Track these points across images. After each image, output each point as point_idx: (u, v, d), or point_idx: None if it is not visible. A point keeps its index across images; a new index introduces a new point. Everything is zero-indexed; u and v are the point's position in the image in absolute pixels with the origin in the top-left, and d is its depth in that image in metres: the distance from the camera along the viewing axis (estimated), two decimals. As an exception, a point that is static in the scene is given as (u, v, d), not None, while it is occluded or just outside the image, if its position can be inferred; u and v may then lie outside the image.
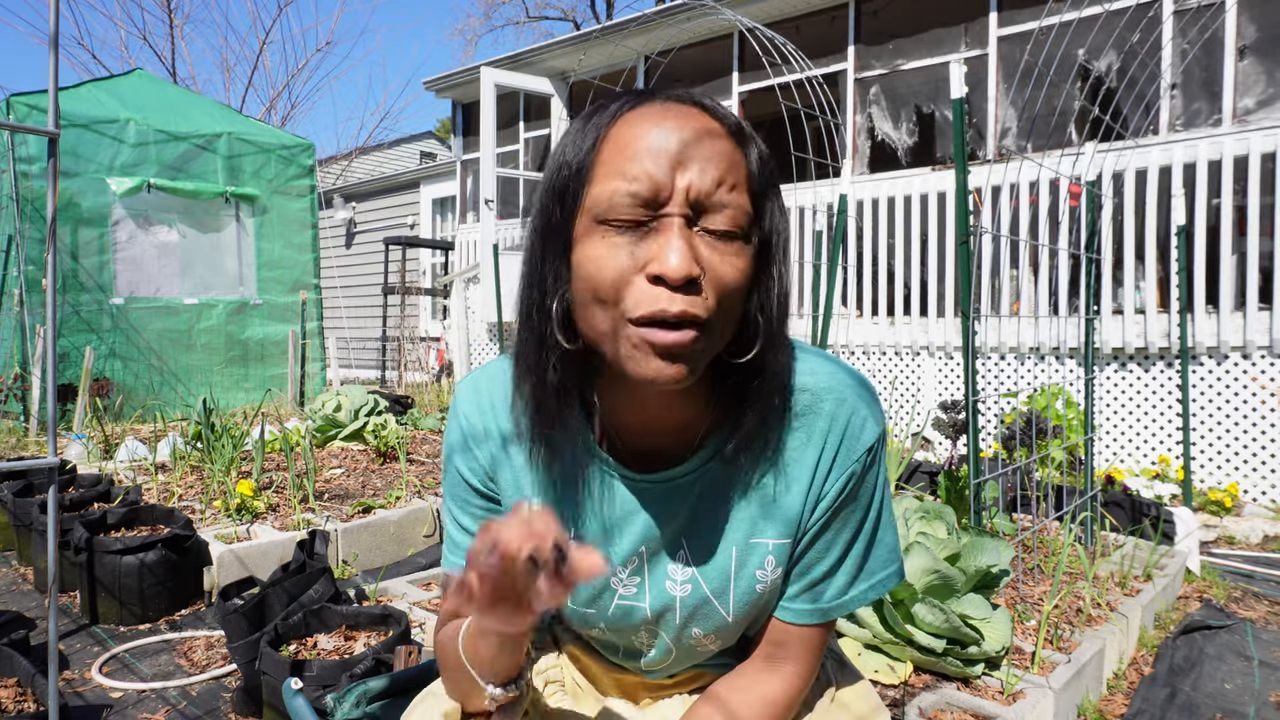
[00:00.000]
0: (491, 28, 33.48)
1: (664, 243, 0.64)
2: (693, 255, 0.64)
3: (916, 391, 5.76)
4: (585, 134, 0.68)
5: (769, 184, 0.70)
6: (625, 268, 0.65)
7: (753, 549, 0.79)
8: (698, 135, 0.66)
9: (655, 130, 0.66)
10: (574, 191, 0.67)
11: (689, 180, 0.65)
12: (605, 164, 0.66)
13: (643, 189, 0.64)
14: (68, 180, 6.25)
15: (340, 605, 2.02)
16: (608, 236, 0.66)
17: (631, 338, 0.65)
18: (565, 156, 0.69)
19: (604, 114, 0.69)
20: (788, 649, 0.82)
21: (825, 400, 0.77)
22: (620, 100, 0.69)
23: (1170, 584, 2.76)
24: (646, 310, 0.64)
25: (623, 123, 0.67)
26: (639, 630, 0.85)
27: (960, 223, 2.27)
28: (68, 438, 4.76)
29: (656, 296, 0.64)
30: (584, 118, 0.70)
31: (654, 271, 0.64)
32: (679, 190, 0.64)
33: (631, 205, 0.64)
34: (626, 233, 0.65)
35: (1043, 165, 3.02)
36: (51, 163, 1.51)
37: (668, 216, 0.65)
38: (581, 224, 0.67)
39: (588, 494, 0.81)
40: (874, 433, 0.78)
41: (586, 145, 0.68)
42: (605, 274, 0.65)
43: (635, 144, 0.65)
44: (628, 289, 0.65)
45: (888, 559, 0.82)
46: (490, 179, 7.93)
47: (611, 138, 0.67)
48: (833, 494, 0.77)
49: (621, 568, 0.82)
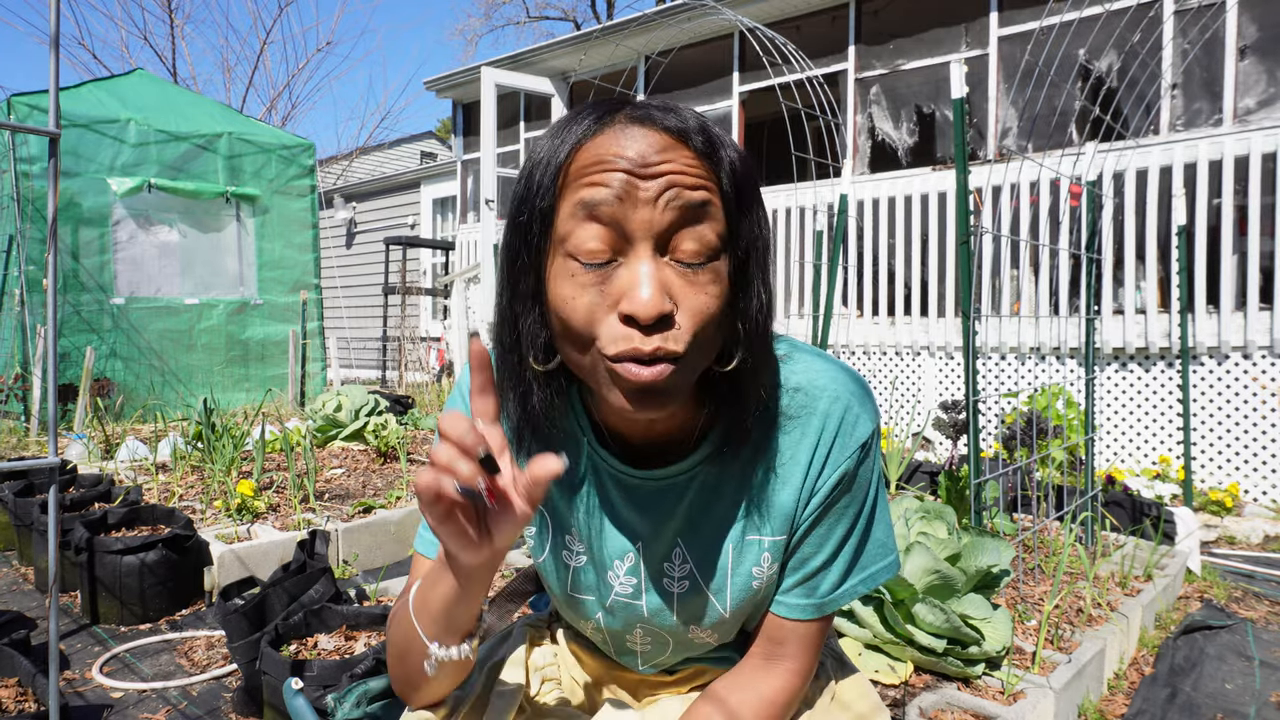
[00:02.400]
0: (492, 28, 33.49)
1: (633, 280, 0.63)
2: (663, 290, 0.63)
3: (917, 391, 5.76)
4: (548, 167, 0.66)
5: (745, 196, 0.68)
6: (595, 305, 0.64)
7: (748, 545, 0.80)
8: (662, 160, 0.63)
9: (616, 160, 0.63)
10: (540, 228, 0.66)
11: (655, 210, 0.63)
12: (568, 198, 0.64)
13: (607, 223, 0.63)
14: (68, 180, 6.25)
15: (341, 605, 2.02)
16: (576, 275, 0.64)
17: (608, 372, 0.65)
18: (530, 188, 0.66)
19: (564, 141, 0.66)
20: (785, 645, 0.82)
21: (819, 398, 0.77)
22: (583, 123, 0.66)
23: (1171, 584, 2.76)
24: (620, 349, 0.63)
25: (583, 153, 0.65)
26: (635, 626, 0.85)
27: (961, 223, 2.27)
28: (68, 438, 4.76)
29: (630, 335, 0.63)
30: (549, 137, 0.68)
31: (624, 311, 0.62)
32: (643, 223, 0.63)
33: (597, 241, 0.63)
34: (594, 269, 0.64)
35: (1043, 165, 3.02)
36: (52, 163, 1.51)
37: (635, 250, 0.63)
38: (551, 259, 0.66)
39: (585, 490, 0.81)
40: (867, 429, 0.78)
41: (549, 179, 0.65)
42: (576, 314, 0.64)
43: (597, 176, 0.63)
44: (600, 326, 0.64)
45: (881, 552, 0.83)
46: (491, 179, 7.93)
47: (574, 169, 0.65)
48: (826, 489, 0.77)
49: (619, 563, 0.82)
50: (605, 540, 0.81)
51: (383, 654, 1.70)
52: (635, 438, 0.79)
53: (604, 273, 0.64)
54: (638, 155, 0.63)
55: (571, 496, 0.82)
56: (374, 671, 1.63)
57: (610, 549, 0.82)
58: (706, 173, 0.66)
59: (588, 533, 0.82)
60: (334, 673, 1.67)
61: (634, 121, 0.65)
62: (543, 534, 0.84)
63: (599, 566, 0.83)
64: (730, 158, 0.68)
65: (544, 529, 0.84)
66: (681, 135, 0.65)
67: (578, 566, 0.84)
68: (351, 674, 1.64)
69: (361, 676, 1.59)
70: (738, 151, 0.69)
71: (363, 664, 1.67)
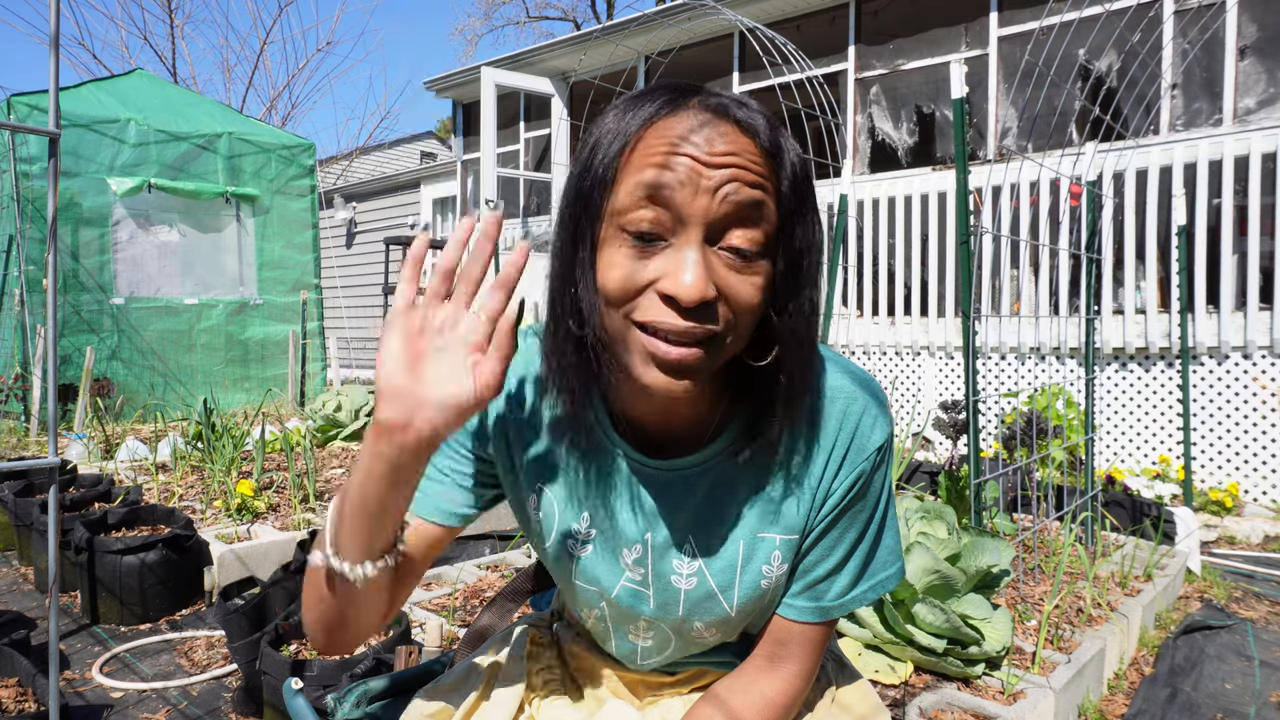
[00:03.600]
0: (492, 28, 33.47)
1: (680, 263, 0.64)
2: (708, 276, 0.64)
3: (917, 391, 5.76)
4: (615, 136, 0.67)
5: (802, 200, 0.68)
6: (639, 279, 0.65)
7: (759, 544, 0.79)
8: (727, 153, 0.64)
9: (683, 142, 0.64)
10: (599, 195, 0.67)
11: (713, 201, 0.63)
12: (631, 171, 0.65)
13: (664, 204, 0.64)
14: (68, 180, 6.25)
15: (341, 605, 2.02)
16: (625, 245, 0.65)
17: (637, 343, 0.66)
18: (595, 157, 0.67)
19: (635, 115, 0.67)
20: (789, 648, 0.82)
21: (836, 400, 0.78)
22: (656, 102, 0.67)
23: (1171, 584, 2.76)
24: (648, 316, 0.64)
25: (653, 129, 0.66)
26: (639, 618, 0.85)
27: (961, 223, 2.27)
28: (68, 438, 4.76)
29: (661, 310, 0.64)
30: (620, 111, 0.68)
31: (666, 290, 0.64)
32: (699, 210, 0.63)
33: (651, 219, 0.64)
34: (645, 243, 0.65)
35: (1043, 165, 3.02)
36: (52, 163, 1.51)
37: (687, 235, 0.64)
38: (606, 227, 0.67)
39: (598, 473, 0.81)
40: (883, 434, 0.78)
41: (614, 150, 0.66)
42: (619, 282, 0.65)
43: (661, 155, 0.64)
44: (639, 298, 0.65)
45: (889, 559, 0.83)
46: (491, 179, 7.93)
47: (640, 144, 0.65)
48: (840, 492, 0.78)
49: (627, 552, 0.82)
50: (615, 528, 0.81)
51: (382, 654, 1.70)
52: (652, 425, 0.79)
53: (653, 249, 0.65)
54: (705, 142, 0.64)
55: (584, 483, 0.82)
56: (374, 671, 1.63)
57: (619, 538, 0.81)
58: (768, 171, 0.66)
59: (598, 520, 0.82)
60: (334, 673, 1.67)
61: (707, 109, 0.67)
62: (550, 518, 0.84)
63: (606, 555, 0.83)
64: (792, 161, 0.68)
65: (552, 513, 0.84)
66: (750, 131, 0.66)
67: (584, 555, 0.84)
68: (351, 674, 1.64)
69: (361, 676, 1.59)
70: (799, 155, 0.70)
71: (363, 664, 1.67)
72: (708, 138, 0.64)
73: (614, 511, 0.81)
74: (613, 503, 0.81)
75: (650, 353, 0.65)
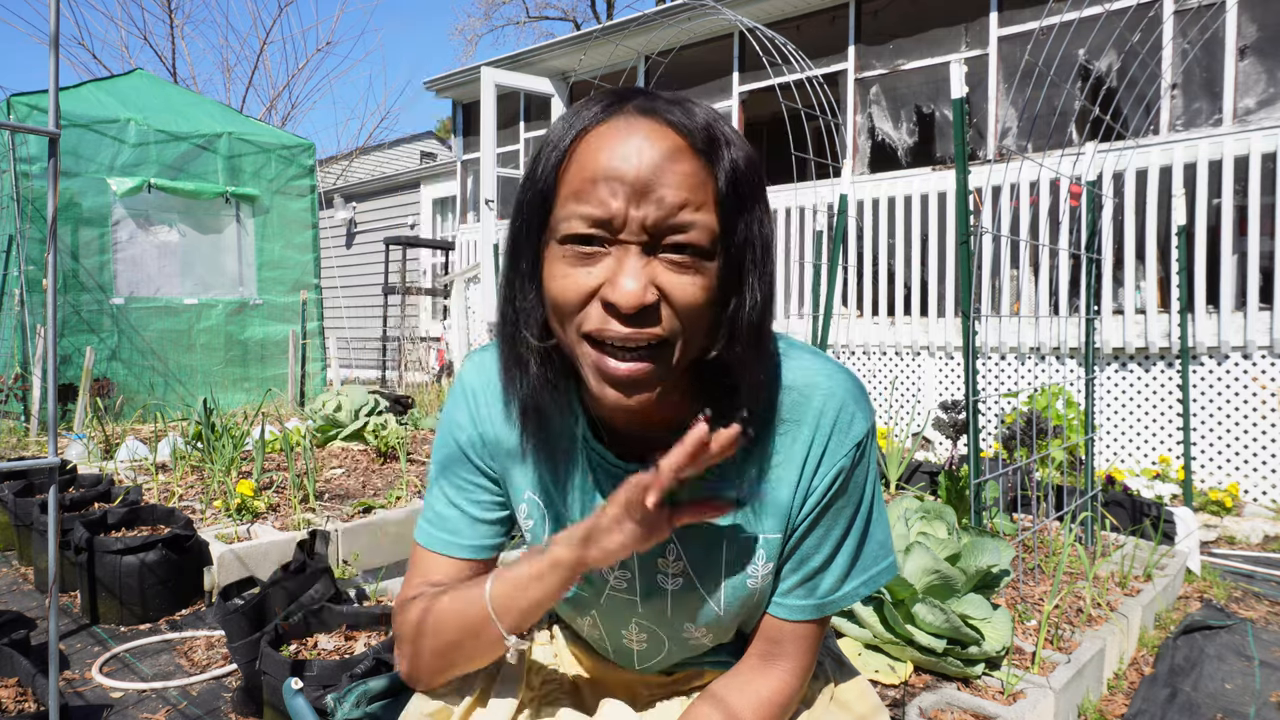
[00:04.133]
0: (492, 28, 33.48)
1: (617, 270, 0.65)
2: (647, 283, 0.64)
3: (917, 391, 5.76)
4: (553, 150, 0.68)
5: (744, 196, 0.68)
6: (582, 289, 0.66)
7: (744, 543, 0.79)
8: (661, 157, 0.65)
9: (616, 152, 0.65)
10: (540, 209, 0.68)
11: (647, 208, 0.64)
12: (567, 185, 0.67)
13: (598, 215, 0.64)
14: (68, 180, 6.25)
15: (341, 605, 2.02)
16: (567, 257, 0.66)
17: (588, 357, 0.67)
18: (535, 172, 0.69)
19: (571, 127, 0.68)
20: (783, 646, 0.82)
21: (813, 396, 0.77)
22: (591, 111, 0.68)
23: (1170, 584, 2.76)
24: (592, 326, 0.66)
25: (586, 142, 0.67)
26: (630, 624, 0.85)
27: (960, 223, 2.27)
28: (68, 438, 4.76)
29: (603, 318, 0.65)
30: (560, 123, 0.70)
31: (606, 297, 0.65)
32: (635, 218, 0.64)
33: (587, 230, 0.65)
34: (583, 256, 0.66)
35: (1043, 165, 3.02)
36: (52, 163, 1.51)
37: (624, 244, 0.65)
38: (548, 239, 0.68)
39: (579, 483, 0.81)
40: (862, 428, 0.78)
41: (552, 163, 0.68)
42: (563, 295, 0.67)
43: (593, 168, 0.65)
44: (585, 309, 0.66)
45: (880, 554, 0.83)
46: (491, 179, 7.93)
47: (576, 157, 0.67)
48: (822, 488, 0.77)
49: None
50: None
51: (383, 654, 1.70)
52: (627, 429, 0.79)
53: (593, 259, 0.66)
54: (635, 152, 0.65)
55: (567, 490, 0.82)
56: (374, 671, 1.63)
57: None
58: (705, 172, 0.66)
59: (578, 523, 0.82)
60: (334, 673, 1.67)
61: (641, 113, 0.67)
62: (540, 528, 0.84)
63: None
64: (732, 157, 0.68)
65: (542, 523, 0.84)
66: (684, 131, 0.67)
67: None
68: (351, 674, 1.64)
69: (361, 676, 1.59)
70: (743, 151, 0.69)
71: (362, 664, 1.67)
72: (638, 147, 0.65)
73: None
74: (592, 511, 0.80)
75: (600, 369, 0.66)
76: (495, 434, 0.84)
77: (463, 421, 0.85)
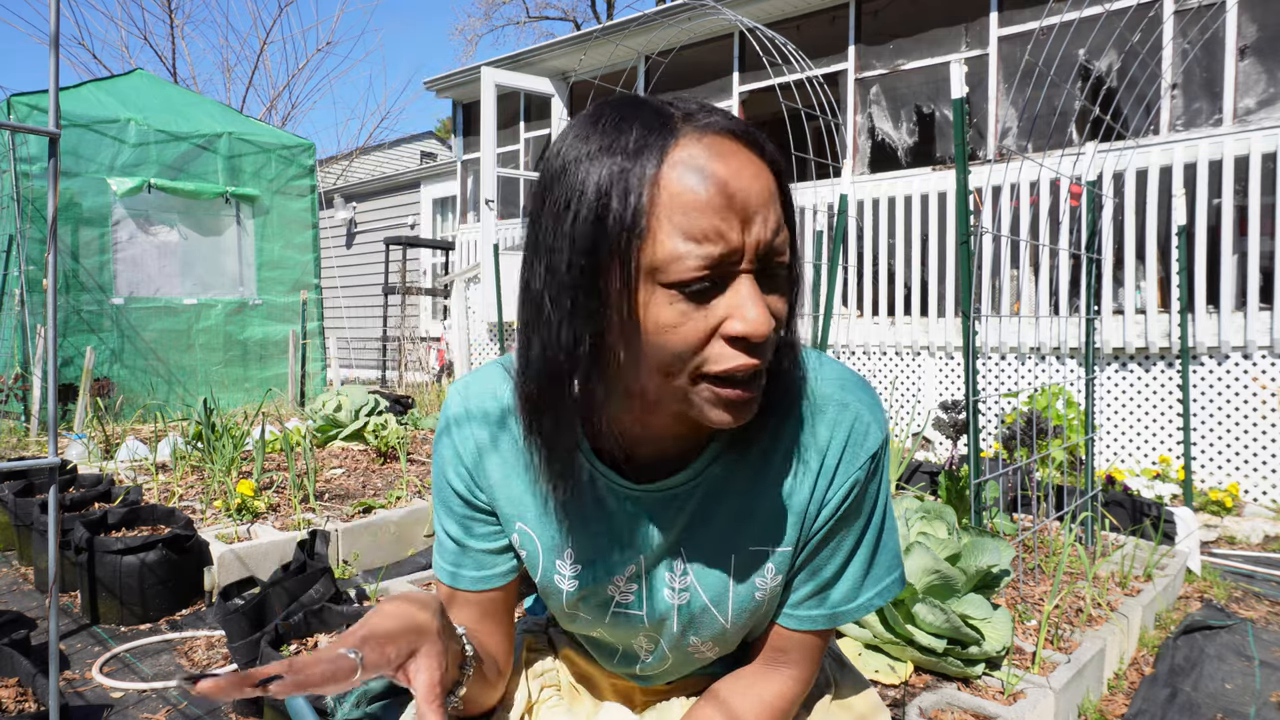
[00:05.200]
0: (492, 28, 33.47)
1: (741, 301, 0.61)
2: (767, 309, 0.62)
3: (917, 391, 5.76)
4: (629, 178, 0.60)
5: (793, 207, 0.67)
6: (701, 332, 0.62)
7: (752, 557, 0.78)
8: (754, 178, 0.62)
9: (717, 179, 0.60)
10: (620, 246, 0.60)
11: (757, 235, 0.61)
12: (663, 219, 0.59)
13: (720, 253, 0.60)
14: (68, 180, 6.25)
15: (341, 605, 2.02)
16: (675, 303, 0.61)
17: (703, 392, 0.64)
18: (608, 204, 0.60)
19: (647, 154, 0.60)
20: (788, 654, 0.81)
21: (827, 409, 0.76)
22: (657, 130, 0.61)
23: (1171, 584, 2.76)
24: (726, 366, 0.62)
25: (675, 168, 0.60)
26: (637, 636, 0.84)
27: (961, 223, 2.27)
28: (68, 438, 4.76)
29: (729, 356, 0.62)
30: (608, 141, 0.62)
31: (736, 332, 0.61)
32: (749, 246, 0.61)
33: (709, 266, 0.60)
34: (697, 293, 0.61)
35: (1043, 165, 3.02)
36: (52, 163, 1.51)
37: (740, 274, 0.62)
38: (639, 282, 0.61)
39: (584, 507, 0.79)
40: (877, 440, 0.76)
41: (635, 195, 0.60)
42: (682, 342, 0.62)
43: (698, 198, 0.59)
44: (705, 349, 0.63)
45: (891, 565, 0.82)
46: (491, 179, 7.93)
47: (665, 186, 0.60)
48: (835, 501, 0.76)
49: (619, 576, 0.80)
50: (607, 555, 0.80)
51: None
52: (644, 455, 0.76)
53: (707, 294, 0.62)
54: (734, 174, 0.61)
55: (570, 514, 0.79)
56: (374, 671, 1.63)
57: (612, 562, 0.80)
58: (778, 189, 0.65)
59: (588, 550, 0.80)
60: (334, 673, 1.66)
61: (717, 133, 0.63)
62: (536, 558, 0.82)
63: (599, 580, 0.81)
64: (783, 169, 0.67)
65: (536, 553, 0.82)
66: (760, 150, 0.64)
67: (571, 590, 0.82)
68: (351, 674, 1.64)
69: (361, 676, 1.59)
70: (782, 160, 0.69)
71: (363, 664, 1.67)
72: (735, 166, 0.61)
73: (606, 540, 0.79)
74: (603, 532, 0.79)
75: (722, 398, 0.64)
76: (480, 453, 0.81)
77: (448, 455, 0.82)
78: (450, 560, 0.84)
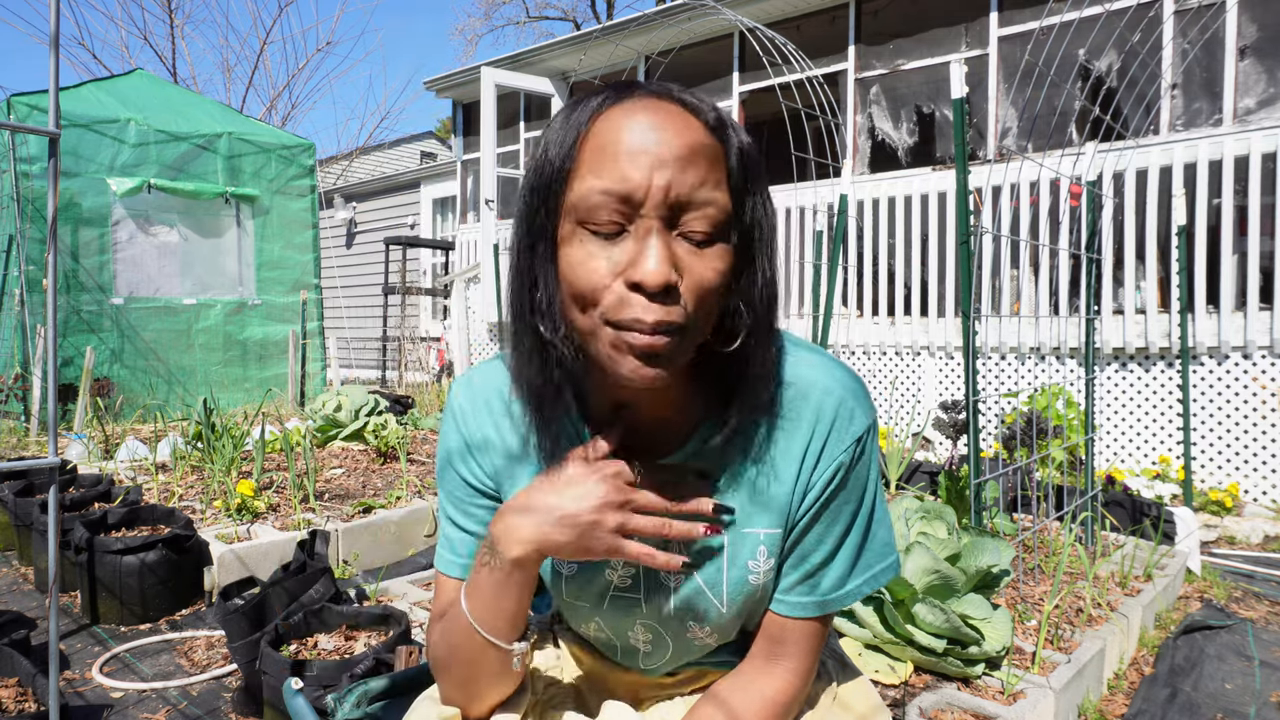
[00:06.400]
0: (492, 28, 33.49)
1: (642, 249, 0.64)
2: (670, 261, 0.64)
3: (917, 391, 5.76)
4: (566, 130, 0.68)
5: (751, 178, 0.70)
6: (603, 272, 0.65)
7: (744, 539, 0.79)
8: (677, 133, 0.65)
9: (634, 129, 0.65)
10: (555, 191, 0.67)
11: (667, 181, 0.64)
12: (584, 163, 0.66)
13: (620, 190, 0.64)
14: (68, 180, 6.25)
15: (341, 605, 2.02)
16: (585, 241, 0.66)
17: (608, 337, 0.66)
18: (547, 154, 0.68)
19: (584, 109, 0.68)
20: (786, 646, 0.82)
21: (812, 392, 0.77)
22: (601, 95, 0.69)
23: (1171, 584, 2.76)
24: (623, 315, 0.65)
25: (602, 120, 0.67)
26: (635, 624, 0.85)
27: (961, 223, 2.27)
28: (68, 438, 4.76)
29: (633, 303, 0.64)
30: (566, 110, 0.70)
31: (632, 279, 0.64)
32: (657, 191, 0.64)
33: (609, 208, 0.64)
34: (604, 236, 0.65)
35: (1043, 165, 3.02)
36: (52, 163, 1.51)
37: (646, 220, 0.65)
38: (564, 224, 0.67)
39: None
40: (862, 424, 0.78)
41: (567, 143, 0.67)
42: (584, 279, 0.66)
43: (614, 144, 0.65)
44: (605, 293, 0.66)
45: (883, 552, 0.83)
46: (491, 179, 7.93)
47: (591, 136, 0.66)
48: (821, 484, 0.77)
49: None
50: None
51: (383, 654, 1.70)
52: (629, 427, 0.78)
53: (614, 241, 0.66)
54: (653, 125, 0.65)
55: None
56: (374, 671, 1.63)
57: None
58: (717, 150, 0.67)
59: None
60: (334, 673, 1.67)
61: (653, 95, 0.68)
62: None
63: (592, 568, 0.83)
64: (739, 139, 0.70)
65: None
66: (696, 111, 0.68)
67: (570, 574, 0.84)
68: (351, 674, 1.64)
69: (361, 676, 1.59)
70: (745, 135, 0.71)
71: (363, 664, 1.67)
72: (656, 119, 0.65)
73: None
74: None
75: (625, 342, 0.65)
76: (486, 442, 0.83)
77: (454, 445, 0.85)
78: (458, 552, 0.85)
